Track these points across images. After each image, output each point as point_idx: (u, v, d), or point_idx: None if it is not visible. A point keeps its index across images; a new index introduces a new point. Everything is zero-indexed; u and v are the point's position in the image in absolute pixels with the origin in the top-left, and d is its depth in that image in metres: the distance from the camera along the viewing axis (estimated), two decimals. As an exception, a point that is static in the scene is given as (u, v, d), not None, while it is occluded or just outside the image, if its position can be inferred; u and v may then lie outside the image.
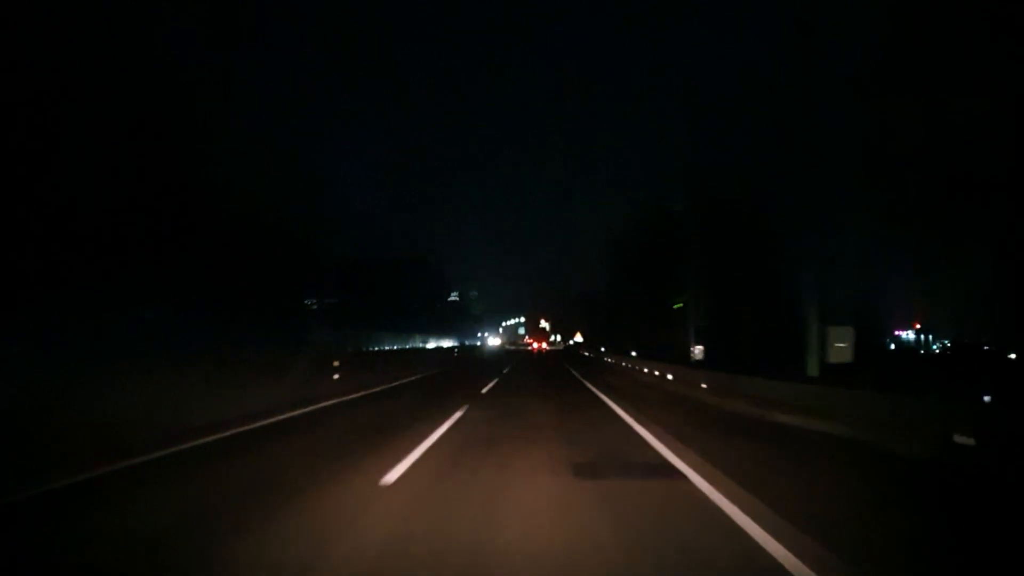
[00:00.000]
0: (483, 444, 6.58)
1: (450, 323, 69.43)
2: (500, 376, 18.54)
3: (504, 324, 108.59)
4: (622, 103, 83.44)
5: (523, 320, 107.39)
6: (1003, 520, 4.00)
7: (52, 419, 5.86)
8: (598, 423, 8.63)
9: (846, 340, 10.26)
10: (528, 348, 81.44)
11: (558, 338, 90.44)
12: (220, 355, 12.01)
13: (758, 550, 3.25)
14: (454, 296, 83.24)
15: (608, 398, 11.84)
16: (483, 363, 31.50)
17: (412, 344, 46.33)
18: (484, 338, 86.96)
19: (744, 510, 3.95)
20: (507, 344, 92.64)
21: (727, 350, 18.01)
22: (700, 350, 17.17)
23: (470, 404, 10.24)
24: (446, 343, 57.88)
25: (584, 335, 59.28)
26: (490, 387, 14.38)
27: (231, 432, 7.20)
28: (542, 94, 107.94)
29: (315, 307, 41.01)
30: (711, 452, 6.04)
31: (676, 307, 36.65)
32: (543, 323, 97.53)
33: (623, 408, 10.19)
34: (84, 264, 13.44)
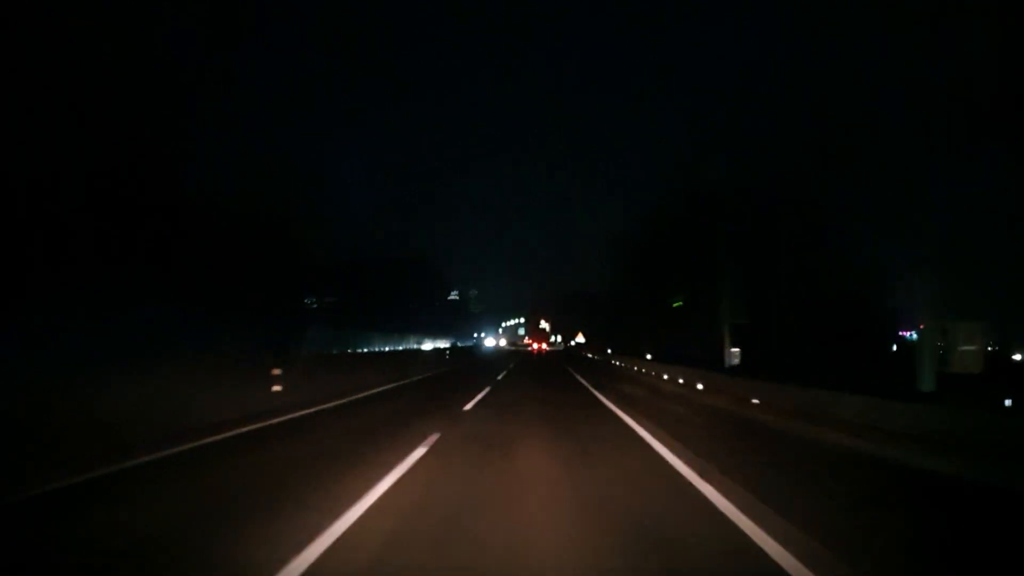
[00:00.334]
0: (434, 543, 3.36)
1: (449, 323, 67.29)
2: (492, 384, 15.42)
3: (504, 324, 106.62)
4: (623, 102, 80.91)
5: (523, 321, 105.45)
6: None
7: (51, 418, 5.93)
8: (631, 470, 5.56)
9: (975, 341, 7.10)
10: (528, 349, 78.82)
11: (558, 339, 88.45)
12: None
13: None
14: (454, 295, 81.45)
15: (631, 418, 8.76)
16: (477, 366, 28.24)
17: (406, 345, 44.27)
18: (481, 338, 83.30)
19: None
20: (507, 344, 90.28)
21: (762, 353, 14.93)
22: (737, 353, 14.09)
23: (440, 434, 7.14)
24: (443, 344, 55.05)
25: (586, 336, 56.19)
26: (477, 400, 11.29)
27: None
28: (542, 94, 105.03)
29: (315, 306, 40.14)
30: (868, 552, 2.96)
31: (675, 305, 33.82)
32: (543, 324, 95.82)
33: (660, 439, 7.10)
34: (82, 264, 13.29)
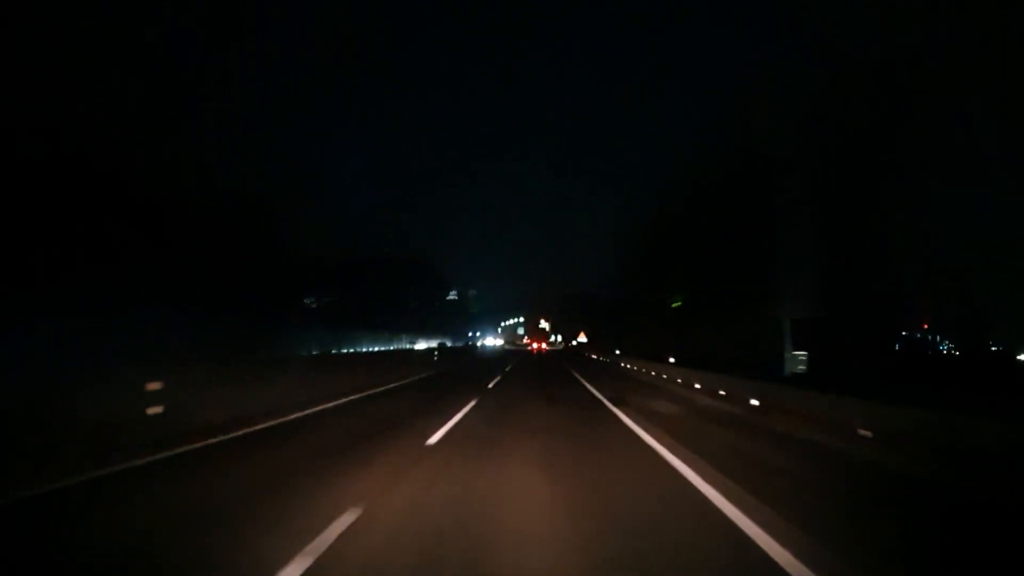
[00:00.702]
0: None
1: (445, 323, 64.64)
2: (480, 396, 12.15)
3: (503, 324, 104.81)
4: (625, 100, 78.21)
5: (522, 320, 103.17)
6: None
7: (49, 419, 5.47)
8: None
9: None
10: (528, 349, 76.21)
11: (558, 338, 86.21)
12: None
13: None
14: (452, 295, 79.84)
15: (681, 459, 5.50)
16: (468, 369, 24.73)
17: (398, 345, 42.19)
18: (474, 337, 79.30)
19: None
20: (506, 344, 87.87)
21: (824, 357, 11.65)
22: (802, 357, 10.84)
23: (359, 515, 3.91)
24: (440, 343, 52.58)
25: (588, 335, 53.03)
26: (452, 425, 8.05)
27: None
28: (543, 92, 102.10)
29: (314, 306, 40.25)
30: None
31: (674, 305, 30.78)
32: (543, 323, 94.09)
33: (736, 500, 3.90)
34: (79, 265, 13.21)
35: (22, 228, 12.24)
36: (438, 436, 7.09)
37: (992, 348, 24.40)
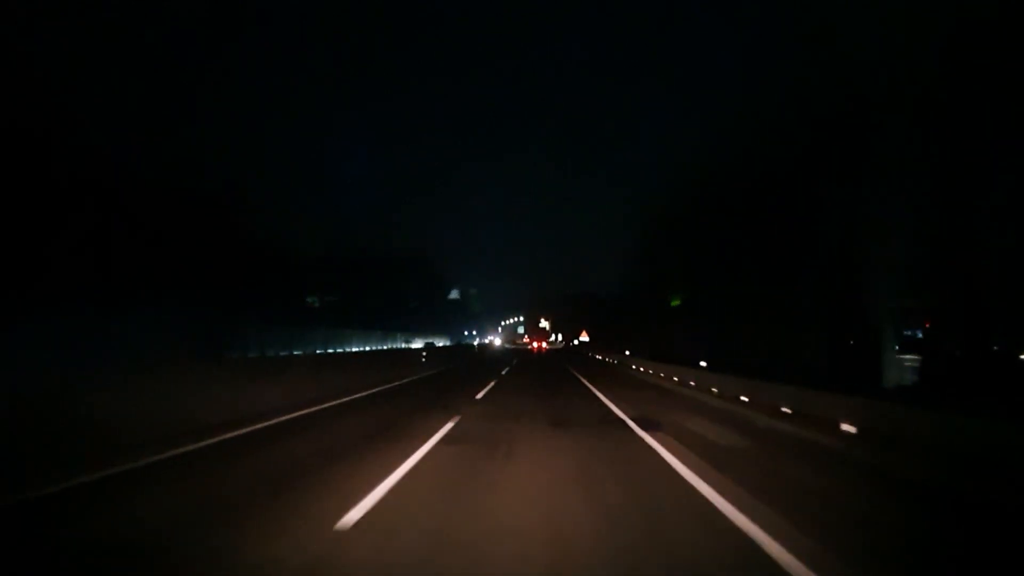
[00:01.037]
0: None
1: (446, 321, 63.06)
2: (461, 416, 9.14)
3: (503, 323, 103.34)
4: (627, 98, 75.75)
5: (522, 319, 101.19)
6: None
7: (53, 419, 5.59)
8: None
9: None
10: (528, 348, 74.47)
11: (559, 337, 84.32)
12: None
13: None
14: (454, 295, 78.22)
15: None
16: (459, 373, 21.55)
17: (393, 344, 40.92)
18: (471, 336, 74.87)
19: None
20: (506, 343, 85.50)
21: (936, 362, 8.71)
22: (914, 362, 7.93)
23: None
24: (439, 343, 51.48)
25: (591, 335, 50.38)
26: (399, 478, 4.99)
27: None
28: (544, 92, 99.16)
29: (317, 305, 40.32)
30: None
31: (673, 304, 28.29)
32: (543, 323, 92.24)
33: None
34: (78, 265, 13.25)
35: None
36: (363, 509, 4.10)
37: (995, 348, 22.94)
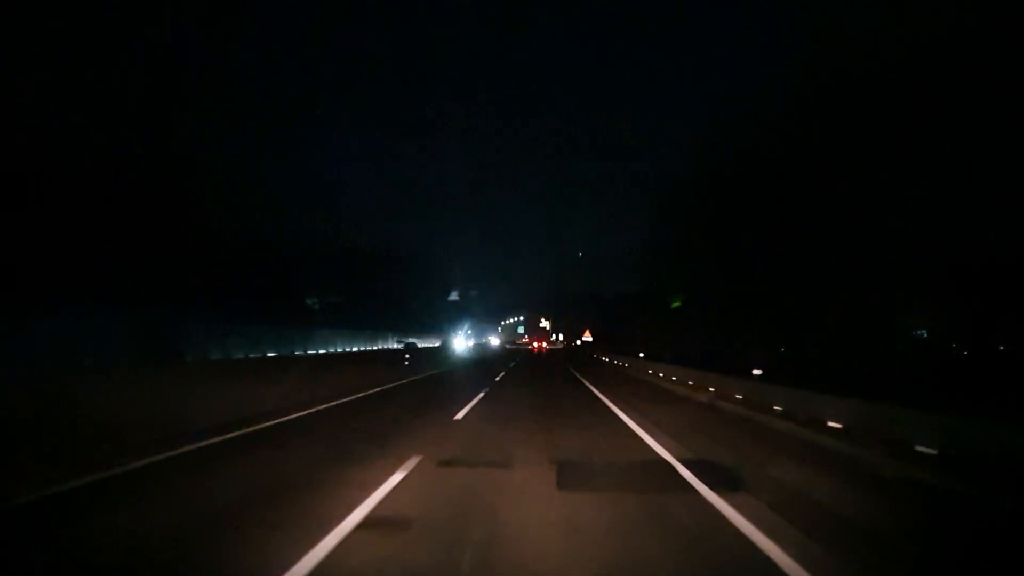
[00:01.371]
0: None
1: (442, 321, 62.90)
2: (410, 466, 5.55)
3: (503, 323, 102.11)
4: (629, 95, 73.34)
5: (522, 319, 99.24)
6: None
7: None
8: None
9: None
10: (528, 348, 73.83)
11: (560, 337, 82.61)
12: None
13: None
14: (454, 296, 76.26)
15: None
16: (444, 379, 18.26)
17: (385, 345, 40.78)
18: (446, 336, 66.01)
19: None
20: (506, 343, 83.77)
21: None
22: None
23: None
24: (429, 343, 50.71)
25: (595, 335, 48.21)
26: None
27: None
28: (547, 91, 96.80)
29: (317, 307, 39.72)
30: None
31: (674, 306, 26.08)
32: (543, 322, 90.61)
33: None
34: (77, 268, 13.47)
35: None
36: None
37: (1000, 348, 22.16)
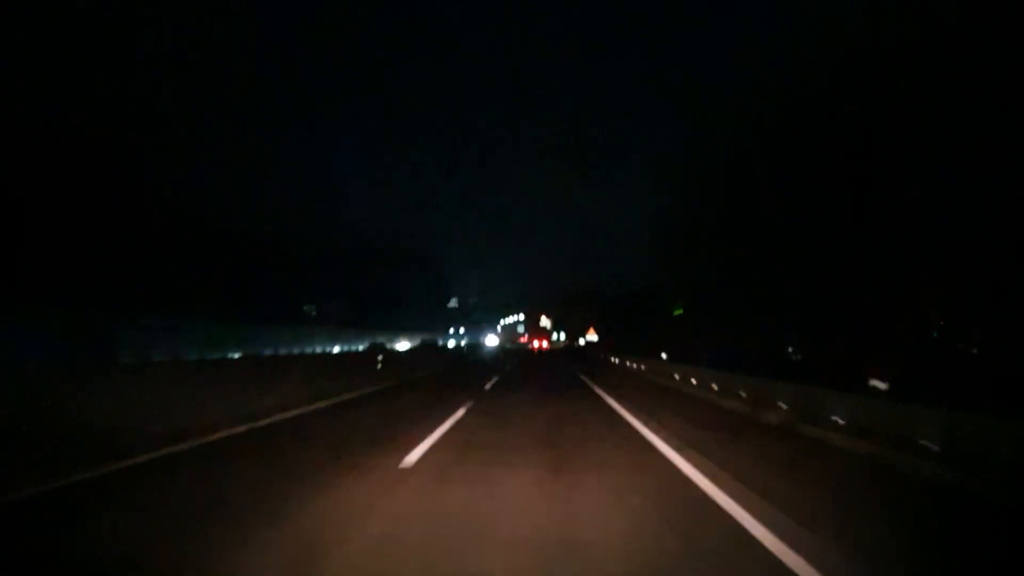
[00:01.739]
0: None
1: (435, 319, 62.30)
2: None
3: (503, 323, 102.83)
4: (631, 94, 76.09)
5: (522, 318, 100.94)
6: None
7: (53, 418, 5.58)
8: None
9: None
10: (528, 348, 75.05)
11: (561, 337, 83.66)
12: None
13: None
14: (453, 303, 79.25)
15: None
16: (423, 386, 14.96)
17: (371, 342, 38.67)
18: (459, 335, 63.39)
19: None
20: (506, 343, 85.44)
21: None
22: None
23: None
24: (404, 343, 48.77)
25: (600, 333, 50.46)
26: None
27: None
28: (546, 91, 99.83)
29: (314, 313, 40.67)
30: None
31: (676, 313, 26.49)
32: (544, 321, 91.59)
33: None
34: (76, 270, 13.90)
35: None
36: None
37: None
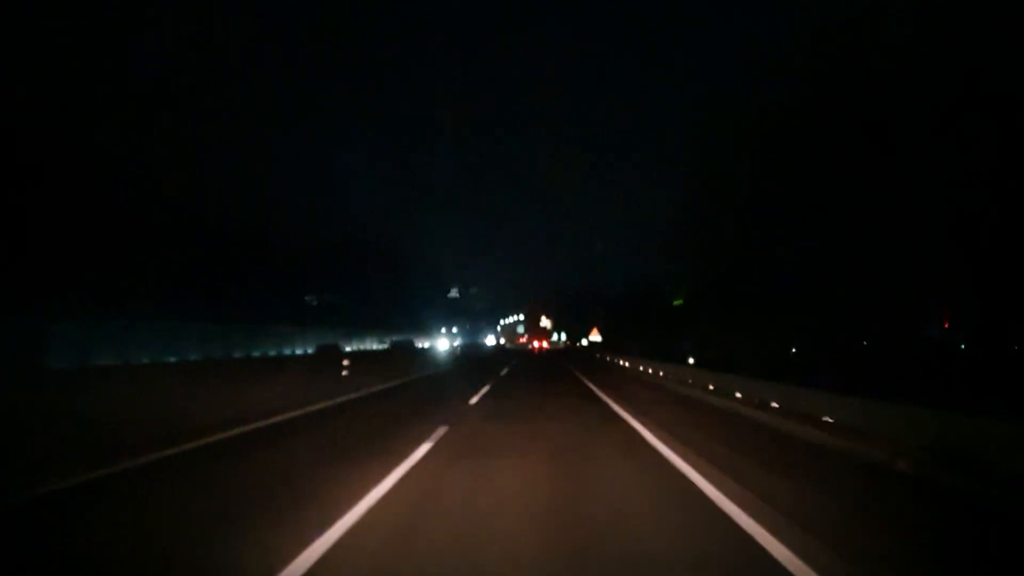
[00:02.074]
0: None
1: (429, 317, 61.26)
2: None
3: (502, 322, 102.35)
4: (632, 94, 75.58)
5: (522, 318, 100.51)
6: None
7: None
8: None
9: None
10: (528, 348, 74.49)
11: (562, 337, 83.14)
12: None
13: None
14: (454, 293, 79.06)
15: None
16: (396, 398, 13.56)
17: (361, 345, 37.50)
18: (452, 335, 60.54)
19: None
20: (506, 344, 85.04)
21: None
22: None
23: None
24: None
25: (603, 334, 49.76)
26: None
27: None
28: (547, 90, 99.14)
29: (314, 303, 39.33)
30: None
31: (676, 303, 26.17)
32: (544, 321, 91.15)
33: None
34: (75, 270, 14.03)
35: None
36: None
37: (1016, 348, 21.41)
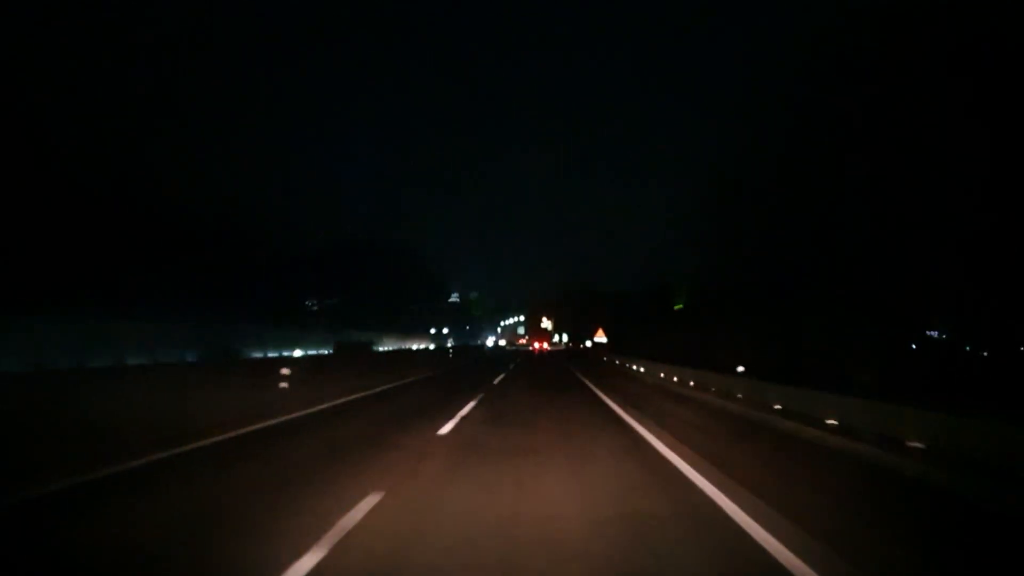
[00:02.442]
0: None
1: (427, 319, 60.79)
2: None
3: (503, 324, 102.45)
4: (633, 94, 75.40)
5: (523, 319, 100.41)
6: None
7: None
8: None
9: None
10: (529, 349, 74.55)
11: (563, 338, 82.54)
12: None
13: None
14: (455, 298, 79.51)
15: None
16: (345, 421, 9.23)
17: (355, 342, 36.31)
18: (444, 337, 61.33)
19: None
20: (507, 345, 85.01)
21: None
22: None
23: None
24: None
25: (608, 335, 48.71)
26: None
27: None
28: (547, 90, 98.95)
29: (315, 308, 40.79)
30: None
31: (677, 308, 26.15)
32: (545, 322, 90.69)
33: None
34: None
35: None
36: None
37: (1022, 349, 21.07)
